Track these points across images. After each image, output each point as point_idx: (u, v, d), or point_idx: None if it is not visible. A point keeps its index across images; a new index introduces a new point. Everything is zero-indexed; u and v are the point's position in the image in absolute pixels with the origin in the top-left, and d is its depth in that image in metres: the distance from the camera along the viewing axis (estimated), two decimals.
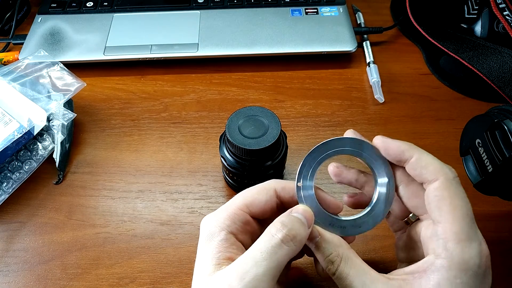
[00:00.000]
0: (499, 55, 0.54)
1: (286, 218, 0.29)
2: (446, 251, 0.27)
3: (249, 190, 0.31)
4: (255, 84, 0.58)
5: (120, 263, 0.43)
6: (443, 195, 0.28)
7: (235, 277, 0.26)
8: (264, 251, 0.27)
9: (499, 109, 0.36)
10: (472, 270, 0.27)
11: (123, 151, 0.51)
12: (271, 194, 0.31)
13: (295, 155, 0.50)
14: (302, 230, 0.28)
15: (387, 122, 0.54)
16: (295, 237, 0.28)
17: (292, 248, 0.27)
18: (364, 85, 0.58)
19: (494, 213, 0.45)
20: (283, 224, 0.28)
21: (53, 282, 0.42)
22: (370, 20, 0.66)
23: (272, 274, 0.26)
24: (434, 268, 0.27)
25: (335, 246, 0.29)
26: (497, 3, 0.56)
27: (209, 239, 0.29)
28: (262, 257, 0.26)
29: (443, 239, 0.27)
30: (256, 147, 0.39)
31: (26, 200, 0.47)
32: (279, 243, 0.27)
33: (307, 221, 0.29)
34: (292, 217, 0.29)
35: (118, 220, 0.46)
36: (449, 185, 0.28)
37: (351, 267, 0.28)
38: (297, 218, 0.29)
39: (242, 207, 0.30)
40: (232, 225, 0.29)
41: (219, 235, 0.29)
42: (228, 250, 0.28)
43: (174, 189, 0.48)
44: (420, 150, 0.30)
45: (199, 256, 0.29)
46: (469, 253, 0.27)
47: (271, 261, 0.26)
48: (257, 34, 0.61)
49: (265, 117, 0.41)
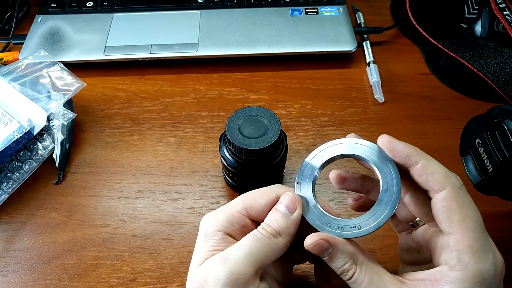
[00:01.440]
0: (499, 55, 0.54)
1: (269, 215, 0.30)
2: (460, 264, 0.27)
3: (251, 193, 0.31)
4: (255, 84, 0.58)
5: (120, 263, 0.43)
6: (451, 206, 0.27)
7: (218, 260, 0.27)
8: (246, 240, 0.28)
9: (499, 109, 0.36)
10: (488, 281, 0.26)
11: (123, 151, 0.51)
12: (272, 198, 0.31)
13: (295, 155, 0.50)
14: (282, 222, 0.29)
15: (387, 122, 0.54)
16: (275, 231, 0.29)
17: (278, 242, 0.29)
18: (364, 85, 0.58)
19: (494, 213, 0.45)
20: (264, 222, 0.29)
21: (53, 282, 0.42)
22: (370, 20, 0.66)
23: (253, 259, 0.27)
24: (448, 280, 0.27)
25: (350, 255, 0.29)
26: (497, 3, 0.56)
27: (205, 239, 0.30)
28: (245, 243, 0.28)
29: (457, 251, 0.27)
30: (256, 147, 0.39)
31: (26, 200, 0.47)
32: (260, 236, 0.28)
33: (289, 210, 0.30)
34: (274, 212, 0.30)
35: (118, 220, 0.46)
36: (457, 195, 0.28)
37: (366, 273, 0.28)
38: (280, 213, 0.30)
39: (241, 210, 0.31)
40: (230, 227, 0.30)
41: (216, 235, 0.30)
42: (222, 248, 0.29)
43: (174, 189, 0.48)
44: (426, 156, 0.29)
45: (194, 253, 0.30)
46: (484, 265, 0.27)
47: (251, 247, 0.28)
48: (257, 34, 0.61)
49: (265, 117, 0.41)
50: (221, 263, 0.27)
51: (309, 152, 0.33)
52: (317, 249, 0.28)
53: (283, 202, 0.30)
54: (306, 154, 0.32)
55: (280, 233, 0.29)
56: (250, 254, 0.28)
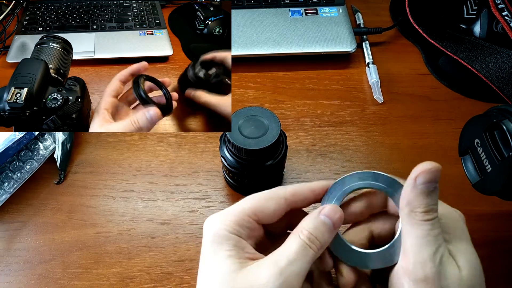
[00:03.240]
0: (498, 55, 0.55)
1: (312, 223, 0.28)
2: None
3: (258, 197, 0.30)
4: (255, 84, 0.59)
5: (121, 262, 0.43)
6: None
7: (273, 272, 0.26)
8: (295, 251, 0.27)
9: (498, 109, 0.36)
10: None
11: (124, 151, 0.51)
12: (281, 203, 0.30)
13: (295, 155, 0.50)
14: (326, 235, 0.28)
15: (386, 122, 0.54)
16: (321, 244, 0.28)
17: (317, 252, 0.28)
18: (363, 85, 0.58)
19: (493, 213, 0.45)
20: (310, 232, 0.28)
21: (54, 281, 0.42)
22: (369, 20, 0.66)
23: (303, 273, 0.27)
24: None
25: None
26: (496, 3, 0.56)
27: (218, 242, 0.28)
28: (296, 257, 0.27)
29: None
30: (256, 147, 0.39)
31: (27, 199, 0.47)
32: (306, 246, 0.27)
33: (334, 224, 0.28)
34: (318, 221, 0.28)
35: (119, 220, 0.46)
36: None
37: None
38: (323, 222, 0.28)
39: (250, 214, 0.29)
40: (240, 230, 0.29)
41: (229, 238, 0.28)
42: (244, 251, 0.28)
43: (174, 188, 0.48)
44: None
45: (210, 256, 0.28)
46: None
47: (303, 261, 0.27)
48: (257, 35, 0.61)
49: (265, 117, 0.41)
50: (277, 276, 0.26)
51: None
52: (432, 176, 0.26)
53: (327, 214, 0.29)
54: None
55: (322, 247, 0.28)
56: (301, 269, 0.26)
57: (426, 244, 0.26)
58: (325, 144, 0.51)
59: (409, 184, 0.27)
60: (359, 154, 0.51)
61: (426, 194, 0.27)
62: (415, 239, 0.27)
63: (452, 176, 0.48)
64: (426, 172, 0.26)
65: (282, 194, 0.30)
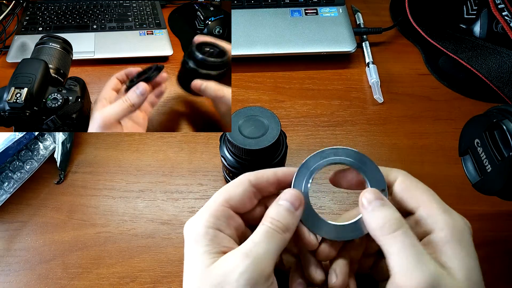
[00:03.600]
0: (498, 55, 0.55)
1: (274, 210, 0.30)
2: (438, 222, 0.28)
3: (226, 186, 0.32)
4: (255, 84, 0.59)
5: (121, 262, 0.43)
6: (409, 185, 0.30)
7: (240, 256, 0.27)
8: (260, 235, 0.28)
9: (498, 109, 0.36)
10: (465, 233, 0.28)
11: (124, 151, 0.51)
12: (246, 185, 0.31)
13: (295, 155, 0.50)
14: (289, 219, 0.29)
15: (386, 122, 0.54)
16: (285, 226, 0.29)
17: (286, 238, 0.29)
18: (363, 85, 0.58)
19: (493, 213, 0.45)
20: (272, 217, 0.29)
21: (54, 281, 0.42)
22: (369, 20, 0.66)
23: (271, 256, 0.28)
24: (439, 242, 0.28)
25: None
26: (496, 3, 0.56)
27: (196, 240, 0.29)
28: (261, 239, 0.28)
29: (430, 216, 0.29)
30: (256, 147, 0.39)
31: (27, 199, 0.47)
32: (272, 232, 0.28)
33: (294, 206, 0.30)
34: (279, 207, 0.30)
35: (119, 220, 0.46)
36: (408, 178, 0.31)
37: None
38: (284, 208, 0.30)
39: (222, 202, 0.30)
40: (217, 222, 0.30)
41: (206, 233, 0.29)
42: (220, 245, 0.29)
43: (174, 188, 0.48)
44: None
45: (190, 256, 0.30)
46: (456, 218, 0.29)
47: (270, 243, 0.28)
48: (257, 35, 0.61)
49: (265, 117, 0.41)
50: (243, 259, 0.27)
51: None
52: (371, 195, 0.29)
53: (287, 199, 0.30)
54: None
55: (288, 229, 0.29)
56: (268, 251, 0.28)
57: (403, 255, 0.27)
58: (325, 144, 0.51)
59: (363, 213, 0.29)
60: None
61: (377, 210, 0.28)
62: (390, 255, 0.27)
63: (452, 176, 0.48)
64: (364, 197, 0.29)
65: (246, 177, 0.32)
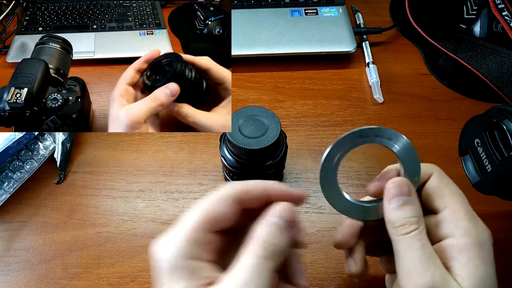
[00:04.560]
0: (498, 55, 0.55)
1: (264, 231, 0.26)
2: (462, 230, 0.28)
3: (204, 203, 0.27)
4: (255, 84, 0.59)
5: (121, 262, 0.43)
6: (440, 185, 0.30)
7: None
8: (252, 269, 0.25)
9: (498, 109, 0.37)
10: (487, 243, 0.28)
11: (123, 151, 0.51)
12: (230, 203, 0.27)
13: (295, 155, 0.50)
14: (282, 238, 0.26)
15: (386, 122, 0.54)
16: (277, 249, 0.26)
17: (277, 260, 0.26)
18: (363, 85, 0.58)
19: (493, 212, 0.45)
20: (263, 240, 0.26)
21: (54, 281, 0.42)
22: (369, 20, 0.66)
23: (267, 285, 0.25)
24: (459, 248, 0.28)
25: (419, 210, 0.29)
26: (496, 3, 0.56)
27: (173, 274, 0.25)
28: (253, 275, 0.24)
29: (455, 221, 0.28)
30: (256, 147, 0.39)
31: (27, 199, 0.47)
32: (262, 257, 0.25)
33: (287, 222, 0.26)
34: (269, 227, 0.26)
35: (119, 220, 0.46)
36: (442, 176, 0.31)
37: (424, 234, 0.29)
38: (276, 225, 0.26)
39: (202, 225, 0.26)
40: (197, 250, 0.26)
41: (185, 267, 0.25)
42: (203, 276, 0.25)
43: (174, 188, 0.48)
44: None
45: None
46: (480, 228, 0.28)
47: (262, 277, 0.24)
48: (257, 35, 0.61)
49: (265, 117, 0.41)
50: None
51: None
52: (398, 189, 0.28)
53: (283, 216, 0.27)
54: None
55: (282, 252, 0.26)
56: (263, 284, 0.24)
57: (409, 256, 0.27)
58: (325, 144, 0.51)
59: (384, 202, 0.29)
60: (359, 154, 0.51)
61: (398, 208, 0.28)
62: (398, 254, 0.27)
63: (452, 176, 0.47)
64: (392, 188, 0.28)
65: (230, 193, 0.28)
